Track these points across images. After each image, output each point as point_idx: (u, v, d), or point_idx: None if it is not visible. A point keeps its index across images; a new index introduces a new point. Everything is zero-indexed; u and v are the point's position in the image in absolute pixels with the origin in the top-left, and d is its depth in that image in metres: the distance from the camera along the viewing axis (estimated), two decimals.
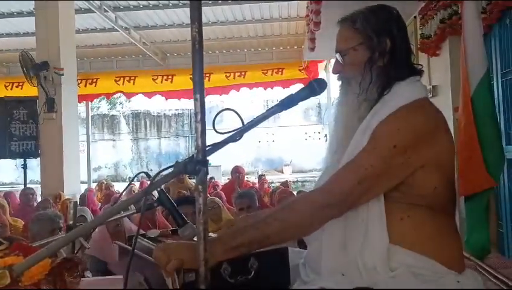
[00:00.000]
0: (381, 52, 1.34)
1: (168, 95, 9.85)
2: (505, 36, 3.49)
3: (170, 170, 1.15)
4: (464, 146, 2.46)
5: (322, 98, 14.61)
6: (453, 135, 1.38)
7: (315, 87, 1.33)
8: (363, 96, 1.33)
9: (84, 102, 10.62)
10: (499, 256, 2.42)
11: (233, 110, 1.31)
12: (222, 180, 10.52)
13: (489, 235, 2.44)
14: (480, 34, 2.44)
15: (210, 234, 1.57)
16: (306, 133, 17.44)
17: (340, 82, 1.42)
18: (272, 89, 9.56)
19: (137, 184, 7.35)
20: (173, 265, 1.15)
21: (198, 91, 1.06)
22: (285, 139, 17.20)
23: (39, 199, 6.00)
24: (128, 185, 1.56)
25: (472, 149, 2.41)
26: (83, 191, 6.63)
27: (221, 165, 13.21)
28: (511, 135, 3.45)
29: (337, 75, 1.42)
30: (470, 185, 2.43)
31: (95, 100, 13.16)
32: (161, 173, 1.21)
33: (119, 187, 8.67)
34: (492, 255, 2.31)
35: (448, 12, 3.98)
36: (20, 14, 7.65)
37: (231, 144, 1.23)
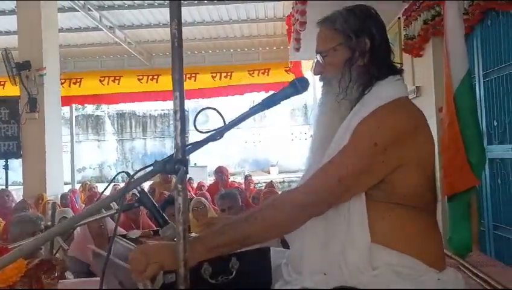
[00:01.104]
0: (361, 52, 1.34)
1: (154, 96, 9.79)
2: (487, 37, 3.53)
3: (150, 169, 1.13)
4: (448, 145, 2.48)
5: (308, 98, 14.69)
6: (437, 135, 1.38)
7: (297, 86, 1.33)
8: (344, 96, 1.34)
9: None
10: (480, 254, 2.45)
11: (214, 109, 1.30)
12: (208, 180, 10.48)
13: (472, 234, 2.46)
14: (461, 34, 2.46)
15: (192, 234, 1.55)
16: (292, 134, 17.51)
17: (322, 83, 1.42)
18: (258, 92, 9.55)
19: (122, 185, 7.27)
20: (151, 271, 1.12)
21: (178, 89, 1.05)
22: (271, 139, 17.24)
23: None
24: (108, 185, 1.53)
25: (456, 148, 2.43)
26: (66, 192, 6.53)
27: (207, 165, 13.19)
28: (492, 134, 3.49)
29: (319, 76, 1.42)
30: (454, 184, 2.45)
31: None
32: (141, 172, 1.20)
33: (101, 188, 8.57)
34: (474, 254, 2.34)
35: (431, 14, 4.02)
36: (1, 12, 7.52)
37: (217, 145, 1.22)
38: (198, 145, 1.18)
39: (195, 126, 1.24)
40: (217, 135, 1.20)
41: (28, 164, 6.34)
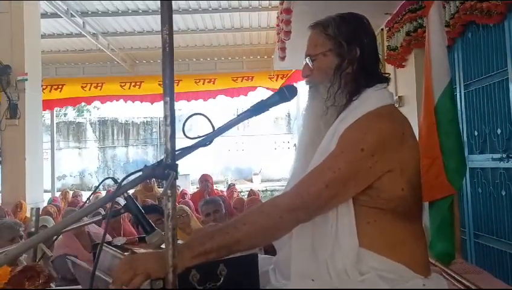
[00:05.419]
0: (350, 60, 1.35)
1: (135, 99, 9.76)
2: (467, 49, 3.62)
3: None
4: (425, 153, 2.51)
5: (291, 107, 14.80)
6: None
7: (285, 93, 1.34)
8: (331, 102, 1.35)
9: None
10: (462, 262, 2.48)
11: (203, 115, 1.29)
12: (190, 189, 10.42)
13: (454, 242, 2.49)
14: (444, 44, 2.51)
15: (178, 241, 1.54)
16: (275, 143, 17.56)
17: (308, 87, 1.43)
18: (245, 96, 9.61)
19: (103, 193, 7.17)
20: (137, 281, 1.10)
21: (168, 94, 1.05)
22: (254, 148, 17.27)
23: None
24: (93, 192, 1.50)
25: (434, 157, 2.46)
26: (46, 200, 6.40)
27: (189, 174, 13.11)
28: (473, 144, 3.56)
29: (306, 79, 1.43)
30: (430, 192, 2.46)
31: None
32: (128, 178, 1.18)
33: (84, 196, 8.45)
34: (457, 261, 2.37)
35: (413, 26, 4.11)
36: None
37: (200, 153, 1.22)
38: (188, 150, 1.17)
39: (184, 132, 1.24)
40: (207, 140, 1.20)
41: (7, 171, 6.21)
